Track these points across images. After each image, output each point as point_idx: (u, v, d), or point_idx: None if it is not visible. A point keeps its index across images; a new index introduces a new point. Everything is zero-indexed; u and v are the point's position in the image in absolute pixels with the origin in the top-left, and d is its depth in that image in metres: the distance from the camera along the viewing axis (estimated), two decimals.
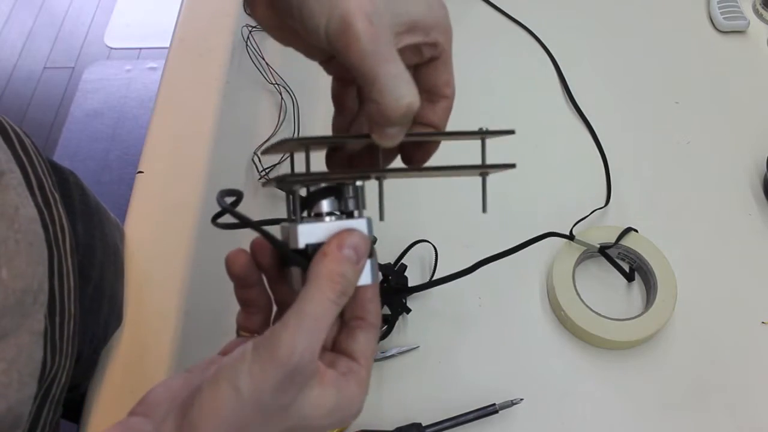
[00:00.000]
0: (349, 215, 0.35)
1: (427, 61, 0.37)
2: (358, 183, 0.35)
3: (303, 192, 0.35)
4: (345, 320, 0.36)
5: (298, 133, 0.72)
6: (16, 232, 0.42)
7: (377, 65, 0.31)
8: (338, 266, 0.32)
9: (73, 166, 0.64)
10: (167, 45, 0.83)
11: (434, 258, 0.64)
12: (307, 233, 0.33)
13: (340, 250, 0.32)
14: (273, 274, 0.37)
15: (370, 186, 0.36)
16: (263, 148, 0.36)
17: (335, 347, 0.36)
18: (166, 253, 0.66)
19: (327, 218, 0.34)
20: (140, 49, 2.28)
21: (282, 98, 0.76)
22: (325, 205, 0.34)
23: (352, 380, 0.33)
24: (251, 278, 0.36)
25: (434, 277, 0.63)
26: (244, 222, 0.32)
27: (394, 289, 0.60)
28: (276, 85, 0.76)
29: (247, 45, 0.79)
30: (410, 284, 0.61)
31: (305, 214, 0.35)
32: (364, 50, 0.31)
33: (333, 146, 0.39)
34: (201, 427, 0.30)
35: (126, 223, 0.68)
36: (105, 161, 1.97)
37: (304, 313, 0.30)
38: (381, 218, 0.34)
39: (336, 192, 0.35)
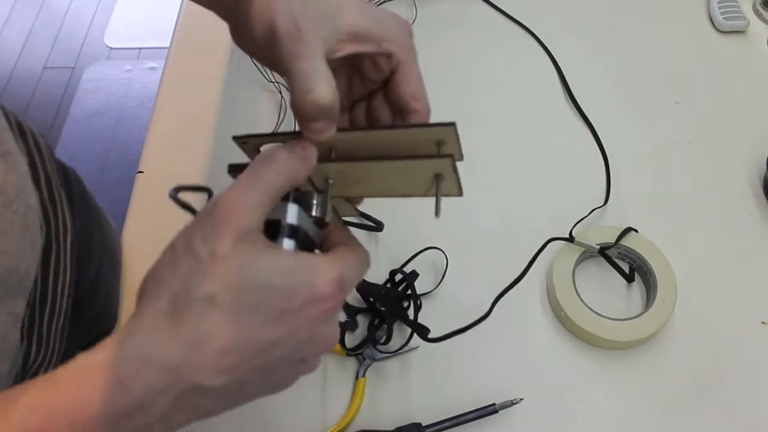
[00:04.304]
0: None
1: (390, 76, 0.39)
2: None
3: None
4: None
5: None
6: (13, 213, 0.43)
7: (292, 62, 0.34)
8: (289, 151, 0.34)
9: (73, 166, 0.64)
10: (167, 45, 0.83)
11: (445, 263, 0.64)
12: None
13: (294, 147, 0.35)
14: None
15: None
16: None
17: None
18: None
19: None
20: (140, 49, 2.28)
21: (282, 97, 0.76)
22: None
23: (316, 255, 0.34)
24: None
25: (443, 280, 0.63)
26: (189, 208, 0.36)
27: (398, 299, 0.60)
28: (276, 84, 0.76)
29: None
30: (421, 286, 0.62)
31: None
32: (284, 48, 0.34)
33: None
34: (144, 289, 0.32)
35: (126, 223, 0.68)
36: (105, 161, 1.97)
37: (240, 178, 0.33)
38: (327, 218, 0.37)
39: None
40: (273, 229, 0.34)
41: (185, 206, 0.35)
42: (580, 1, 0.87)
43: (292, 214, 0.35)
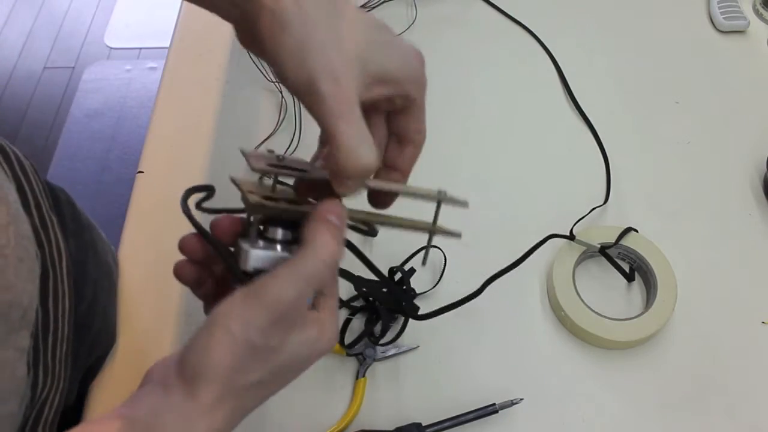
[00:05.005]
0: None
1: (399, 110, 0.39)
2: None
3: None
4: None
5: (300, 133, 0.72)
6: (4, 247, 0.42)
7: (340, 126, 0.33)
8: (331, 232, 0.35)
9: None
10: (167, 45, 0.83)
11: (443, 262, 0.64)
12: (256, 259, 0.36)
13: (328, 217, 0.35)
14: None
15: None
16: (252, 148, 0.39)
17: None
18: (167, 253, 0.65)
19: (278, 246, 0.37)
20: (140, 49, 2.28)
21: (282, 97, 0.76)
22: (280, 232, 0.37)
23: (325, 310, 0.37)
24: (203, 277, 0.40)
25: (441, 279, 0.63)
26: (202, 232, 0.38)
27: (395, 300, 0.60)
28: (276, 84, 0.76)
29: None
30: (419, 286, 0.62)
31: (262, 227, 0.38)
32: (329, 110, 0.33)
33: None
34: (201, 369, 0.32)
35: (126, 224, 0.68)
36: (105, 161, 1.96)
37: (296, 269, 0.34)
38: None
39: (293, 223, 0.37)
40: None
41: (196, 225, 0.37)
42: (580, 1, 0.87)
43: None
